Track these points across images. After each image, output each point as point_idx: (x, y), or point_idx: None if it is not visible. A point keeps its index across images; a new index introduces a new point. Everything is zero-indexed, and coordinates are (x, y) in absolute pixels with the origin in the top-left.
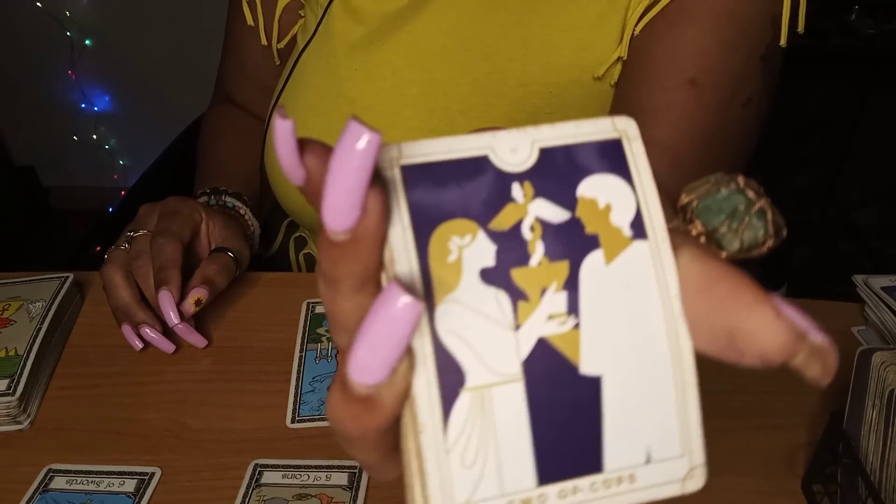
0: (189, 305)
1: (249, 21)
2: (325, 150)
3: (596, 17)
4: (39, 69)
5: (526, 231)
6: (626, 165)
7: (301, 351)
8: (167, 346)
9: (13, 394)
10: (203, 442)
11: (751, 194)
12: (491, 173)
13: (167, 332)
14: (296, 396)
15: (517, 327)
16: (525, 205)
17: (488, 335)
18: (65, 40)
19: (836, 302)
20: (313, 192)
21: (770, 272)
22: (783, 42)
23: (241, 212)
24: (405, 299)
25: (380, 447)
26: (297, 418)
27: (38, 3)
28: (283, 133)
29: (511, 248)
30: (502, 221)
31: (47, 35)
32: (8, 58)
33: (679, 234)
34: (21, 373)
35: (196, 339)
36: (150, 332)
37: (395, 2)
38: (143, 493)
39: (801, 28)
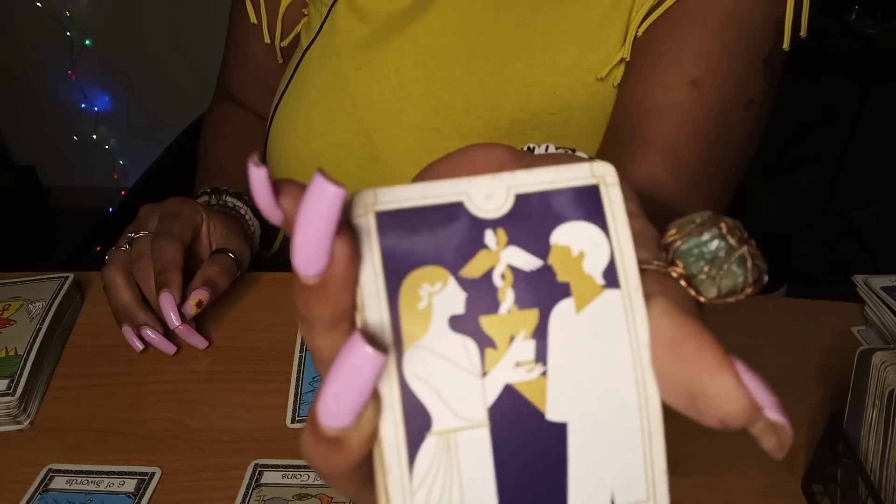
0: (190, 307)
1: (253, 19)
2: (300, 191)
3: (599, 19)
4: (39, 69)
5: (497, 279)
6: (601, 213)
7: (301, 351)
8: (168, 348)
9: (13, 394)
10: (203, 442)
11: (732, 241)
12: (465, 220)
13: (168, 333)
14: (296, 396)
15: (484, 374)
16: (497, 252)
17: (455, 381)
18: (65, 40)
19: (836, 302)
20: (290, 231)
21: (770, 272)
22: (786, 45)
23: (242, 212)
24: (368, 350)
25: (353, 482)
26: (297, 418)
27: (38, 3)
28: (258, 180)
29: (481, 295)
30: (474, 269)
31: (47, 35)
32: (8, 58)
33: (655, 280)
34: (21, 373)
35: (197, 341)
36: (151, 334)
37: (400, 1)
38: (143, 493)
39: (803, 32)
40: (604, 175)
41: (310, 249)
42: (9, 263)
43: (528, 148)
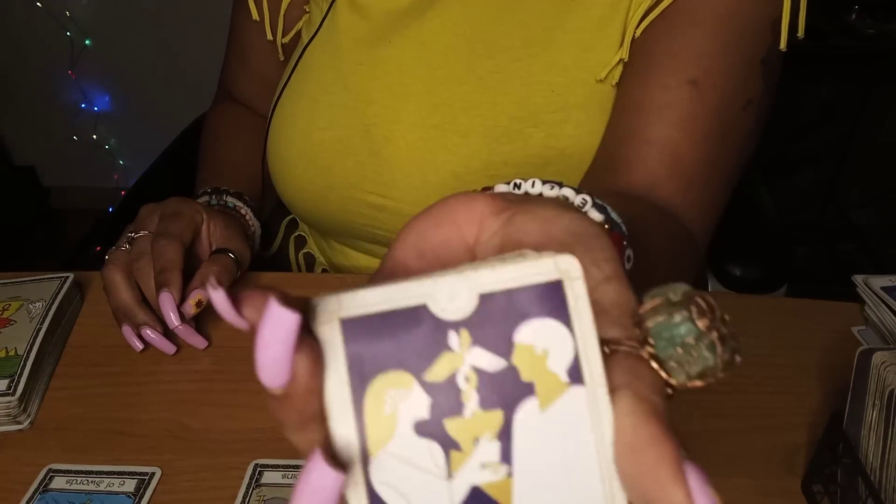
0: (190, 307)
1: (255, 16)
2: (263, 301)
3: (598, 19)
4: (39, 69)
5: (461, 381)
6: (565, 308)
7: None
8: (168, 348)
9: (13, 394)
10: (203, 442)
11: (703, 325)
12: (429, 323)
13: (168, 332)
14: None
15: (450, 477)
16: (461, 354)
17: (422, 486)
18: (65, 40)
19: (836, 302)
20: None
21: (770, 272)
22: (783, 45)
23: (242, 212)
24: (329, 471)
25: None
26: None
27: (38, 3)
28: (218, 300)
29: (445, 398)
30: (438, 372)
31: (47, 35)
32: (8, 58)
33: (624, 365)
34: (21, 373)
35: (197, 341)
36: (150, 334)
37: (401, 0)
38: (143, 493)
39: (801, 33)
40: (568, 269)
41: (271, 368)
42: (9, 263)
43: (515, 184)
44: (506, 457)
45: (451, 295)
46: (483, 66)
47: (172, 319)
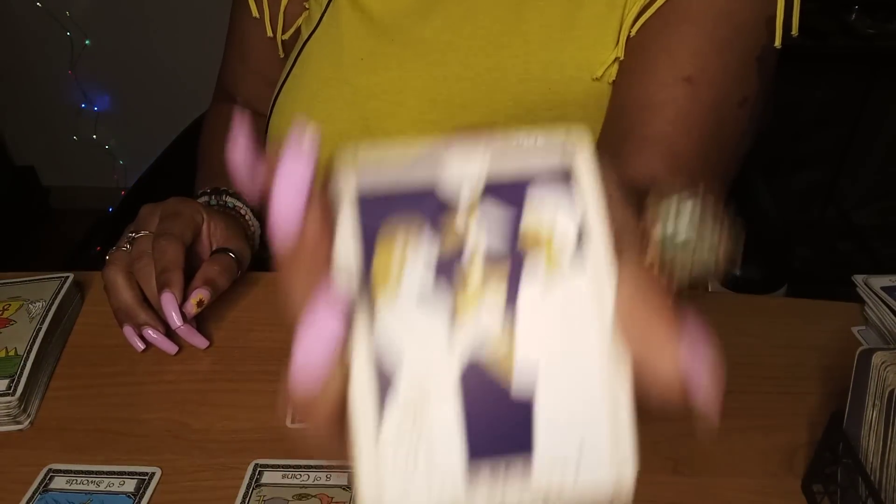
0: (191, 307)
1: (254, 13)
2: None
3: (594, 17)
4: (39, 69)
5: (468, 252)
6: (575, 190)
7: None
8: (169, 348)
9: (13, 394)
10: (203, 442)
11: (704, 227)
12: (440, 196)
13: (169, 332)
14: None
15: (452, 338)
16: (470, 225)
17: (425, 340)
18: (65, 40)
19: (836, 302)
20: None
21: (770, 272)
22: (777, 43)
23: (242, 212)
24: (330, 318)
25: (338, 440)
26: (297, 418)
27: (38, 3)
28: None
29: (451, 271)
30: (445, 244)
31: (47, 35)
32: (8, 58)
33: (629, 264)
34: (21, 373)
35: (198, 341)
36: (152, 334)
37: (401, 1)
38: (143, 493)
39: (795, 31)
40: (577, 153)
41: (285, 214)
42: (9, 263)
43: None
44: (508, 324)
45: (464, 167)
46: (481, 63)
47: (174, 319)
